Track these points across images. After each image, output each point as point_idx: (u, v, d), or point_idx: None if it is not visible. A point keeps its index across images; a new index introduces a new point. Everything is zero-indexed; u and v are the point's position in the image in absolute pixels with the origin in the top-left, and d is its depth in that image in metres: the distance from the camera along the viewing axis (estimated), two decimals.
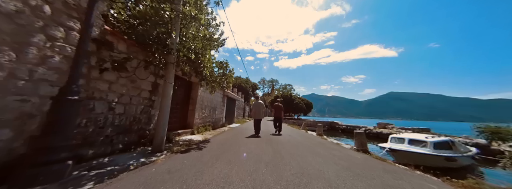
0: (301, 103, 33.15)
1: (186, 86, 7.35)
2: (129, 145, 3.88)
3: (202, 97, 8.05)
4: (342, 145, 6.03)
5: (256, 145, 4.96)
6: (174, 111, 6.53)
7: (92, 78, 3.06)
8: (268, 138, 6.60)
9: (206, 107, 8.59)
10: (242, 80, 33.83)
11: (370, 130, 17.83)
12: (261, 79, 68.26)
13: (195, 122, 7.41)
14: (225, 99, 11.87)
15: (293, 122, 24.13)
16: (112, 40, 3.34)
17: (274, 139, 6.38)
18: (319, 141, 6.70)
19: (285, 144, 5.35)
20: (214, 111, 9.89)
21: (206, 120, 8.69)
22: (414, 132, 14.50)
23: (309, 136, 8.39)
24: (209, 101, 9.10)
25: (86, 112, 2.98)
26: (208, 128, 8.58)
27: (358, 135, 5.12)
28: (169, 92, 4.15)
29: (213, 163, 3.06)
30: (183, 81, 6.82)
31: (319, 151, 4.48)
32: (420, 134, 8.10)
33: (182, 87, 7.03)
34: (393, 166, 3.60)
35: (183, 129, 6.66)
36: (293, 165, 3.11)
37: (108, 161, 3.06)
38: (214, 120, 9.92)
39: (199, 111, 7.75)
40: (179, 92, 6.89)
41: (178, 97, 6.81)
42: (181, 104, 6.99)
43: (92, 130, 3.06)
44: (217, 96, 10.36)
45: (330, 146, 5.45)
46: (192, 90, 7.58)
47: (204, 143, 5.04)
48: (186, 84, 7.28)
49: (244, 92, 29.11)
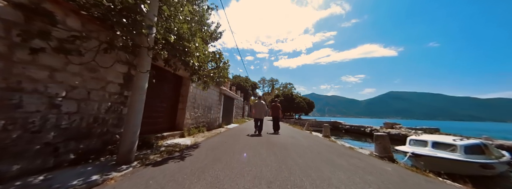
0: (303, 102, 32.17)
1: (175, 82, 6.42)
2: (88, 154, 2.94)
3: (194, 94, 7.12)
4: (357, 149, 5.10)
5: (255, 152, 4.02)
6: (160, 110, 5.61)
7: (17, 61, 2.12)
8: (269, 141, 5.67)
9: (199, 106, 7.65)
10: (241, 79, 32.89)
11: (376, 130, 16.87)
12: (261, 78, 67.34)
13: (186, 123, 6.48)
14: (222, 97, 10.93)
15: (294, 122, 23.18)
16: (53, 10, 2.39)
17: (277, 143, 5.45)
18: (328, 144, 5.77)
19: (291, 150, 4.42)
20: (209, 110, 8.95)
21: (199, 120, 7.75)
22: (425, 132, 13.56)
23: (315, 138, 7.46)
24: (203, 99, 8.16)
25: (7, 109, 2.05)
26: (201, 129, 7.65)
27: (380, 139, 4.18)
28: (142, 84, 3.22)
29: (192, 184, 2.12)
30: (169, 74, 5.88)
31: (335, 160, 3.55)
32: (445, 136, 7.16)
33: (170, 82, 6.09)
34: (446, 185, 2.67)
35: (171, 131, 5.72)
36: (307, 186, 2.17)
37: (41, 180, 2.13)
38: (209, 120, 8.99)
39: (190, 111, 6.81)
40: (167, 88, 5.97)
41: (165, 94, 5.88)
42: (168, 102, 6.05)
43: (17, 135, 2.13)
44: (213, 94, 9.43)
45: (345, 152, 4.51)
46: (182, 87, 6.64)
47: (191, 149, 4.10)
48: (174, 79, 6.35)
49: (244, 91, 28.17)
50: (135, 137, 3.08)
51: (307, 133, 9.44)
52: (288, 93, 34.82)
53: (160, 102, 5.56)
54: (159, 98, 5.53)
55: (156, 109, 5.38)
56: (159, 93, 5.52)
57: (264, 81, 69.11)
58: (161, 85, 5.65)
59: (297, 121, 25.64)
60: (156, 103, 5.35)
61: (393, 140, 15.08)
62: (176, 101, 6.44)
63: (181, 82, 6.66)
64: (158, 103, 5.43)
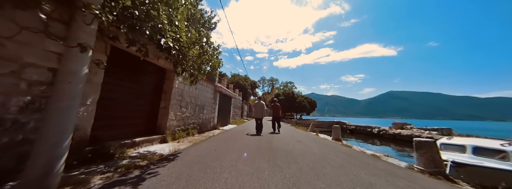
0: (304, 101, 30.95)
1: (157, 75, 5.27)
2: None
3: (181, 91, 5.96)
4: (386, 159, 3.94)
5: (253, 166, 2.87)
6: (135, 110, 4.46)
7: None
8: (272, 147, 4.51)
9: (188, 105, 6.50)
10: (240, 78, 31.72)
11: (385, 131, 15.72)
12: (261, 78, 66.25)
13: (170, 125, 5.32)
14: (217, 95, 9.78)
15: (296, 122, 22.01)
16: None
17: (281, 150, 4.29)
18: (345, 151, 4.62)
19: (301, 162, 3.27)
20: (201, 110, 7.80)
21: (189, 121, 6.60)
22: (441, 133, 12.41)
23: (326, 142, 6.30)
24: (194, 97, 7.01)
25: None
26: (191, 132, 6.50)
27: (426, 147, 3.03)
28: (74, 67, 2.06)
29: None
30: (149, 66, 4.74)
31: (373, 183, 2.39)
32: (484, 140, 6.01)
33: (149, 75, 4.95)
34: None
35: (149, 135, 4.57)
36: None
37: None
38: (201, 121, 7.83)
39: (175, 110, 5.66)
40: (145, 82, 4.83)
41: (143, 90, 4.73)
42: (147, 100, 4.90)
43: None
44: (206, 92, 8.28)
45: (377, 165, 3.35)
46: (165, 81, 5.48)
47: (163, 163, 2.95)
48: (156, 71, 5.20)
49: (243, 90, 27.03)
50: (59, 151, 1.92)
51: (314, 136, 8.29)
52: (289, 92, 33.60)
53: (134, 99, 4.41)
54: (133, 94, 4.38)
55: (128, 108, 4.22)
56: (133, 88, 4.37)
57: (264, 81, 68.12)
58: (136, 78, 4.51)
59: (299, 121, 24.47)
60: (128, 100, 4.20)
61: (403, 142, 13.92)
62: (157, 98, 5.29)
63: (164, 76, 5.50)
64: (131, 101, 4.28)
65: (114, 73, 3.76)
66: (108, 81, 3.53)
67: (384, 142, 15.03)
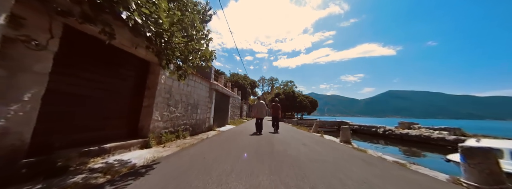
0: (305, 101, 30.15)
1: (139, 69, 4.52)
2: None
3: (168, 87, 5.21)
4: (418, 170, 3.19)
5: (250, 186, 2.12)
6: (109, 109, 3.71)
7: None
8: (274, 151, 3.77)
9: (178, 104, 5.75)
10: (239, 77, 30.94)
11: (391, 131, 14.98)
12: (261, 77, 65.56)
13: (154, 127, 4.57)
14: (213, 94, 9.03)
15: (297, 122, 21.26)
16: None
17: (285, 155, 3.55)
18: (360, 157, 3.87)
19: (311, 175, 2.53)
20: (195, 109, 7.05)
21: (179, 122, 5.84)
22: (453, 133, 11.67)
23: (334, 145, 5.56)
24: (185, 94, 6.26)
25: None
26: (182, 134, 5.75)
27: (480, 156, 2.27)
28: None
29: None
30: (130, 58, 3.98)
31: None
32: None
33: (129, 68, 4.20)
34: None
35: (126, 140, 3.82)
36: None
37: None
38: (195, 122, 7.08)
39: (162, 109, 4.91)
40: (123, 77, 4.09)
41: (120, 85, 3.99)
42: (126, 97, 4.16)
43: None
44: (200, 89, 7.53)
45: (410, 179, 2.60)
46: (149, 76, 4.73)
47: (127, 180, 2.19)
48: (138, 64, 4.46)
49: (242, 90, 26.27)
50: None
51: (319, 137, 7.54)
52: (289, 91, 32.80)
53: (107, 97, 3.66)
54: (106, 90, 3.63)
55: (98, 106, 3.47)
56: (106, 83, 3.63)
57: (264, 80, 67.50)
58: (111, 70, 3.77)
59: (300, 121, 23.72)
60: (99, 97, 3.45)
61: (411, 143, 13.18)
62: (139, 96, 4.53)
63: (147, 70, 4.75)
64: (102, 98, 3.52)
65: (75, 63, 3.00)
66: (63, 71, 2.78)
67: (390, 142, 14.31)
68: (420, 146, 11.92)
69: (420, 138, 12.48)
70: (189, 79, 6.46)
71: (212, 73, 8.91)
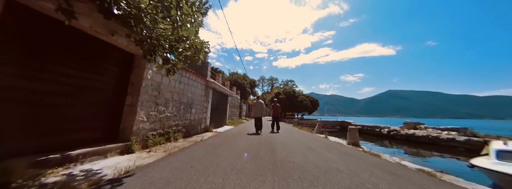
0: (306, 100, 29.51)
1: (122, 63, 3.93)
2: None
3: (157, 84, 4.63)
4: (451, 181, 2.61)
5: None
6: (81, 108, 3.14)
7: None
8: (275, 158, 3.20)
9: (168, 102, 5.16)
10: (239, 76, 30.35)
11: (396, 132, 14.40)
12: (260, 77, 65.08)
13: (138, 128, 3.99)
14: (210, 92, 8.44)
15: (298, 122, 20.68)
16: None
17: (290, 167, 2.98)
18: (383, 166, 3.29)
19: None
20: (188, 109, 6.46)
21: (169, 123, 5.25)
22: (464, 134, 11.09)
23: (343, 148, 4.98)
24: (178, 93, 5.68)
25: None
26: (173, 137, 5.18)
27: None
28: None
29: None
30: (113, 51, 3.40)
31: None
32: None
33: (111, 62, 3.62)
34: None
35: (102, 145, 3.23)
36: None
37: None
38: (189, 122, 6.49)
39: (149, 108, 4.32)
40: (103, 71, 3.52)
41: (95, 80, 3.42)
42: (103, 94, 3.58)
43: None
44: (194, 87, 6.94)
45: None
46: (133, 70, 4.14)
47: None
48: (121, 58, 3.88)
49: (241, 89, 25.69)
50: None
51: (323, 139, 6.96)
52: (289, 90, 32.17)
53: (80, 93, 3.08)
54: (79, 87, 3.05)
55: (67, 105, 2.89)
56: (78, 77, 3.05)
57: (264, 80, 67.04)
58: (86, 63, 3.19)
59: (300, 121, 23.13)
60: (68, 93, 2.87)
61: (418, 144, 12.60)
62: (121, 93, 3.95)
63: (131, 63, 4.16)
64: (72, 95, 2.94)
65: (30, 51, 2.42)
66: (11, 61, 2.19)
67: (396, 143, 13.74)
68: (428, 147, 11.35)
69: (428, 139, 11.91)
70: (181, 75, 5.88)
71: (208, 70, 8.33)
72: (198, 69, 8.02)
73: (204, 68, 8.23)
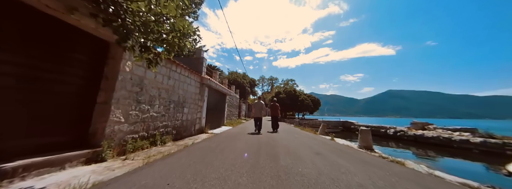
0: (307, 100, 28.79)
1: (90, 51, 3.25)
2: None
3: (139, 78, 3.94)
4: None
5: None
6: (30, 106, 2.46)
7: None
8: (278, 170, 2.53)
9: (155, 100, 4.48)
10: (238, 75, 29.66)
11: (403, 132, 13.72)
12: (260, 77, 64.57)
13: (113, 131, 3.31)
14: (206, 90, 7.76)
15: (299, 122, 19.98)
16: None
17: (299, 182, 2.29)
18: (415, 179, 2.61)
19: None
20: (180, 108, 5.78)
21: (156, 124, 4.57)
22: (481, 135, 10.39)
23: (356, 154, 4.30)
24: (167, 89, 5.00)
25: None
26: (160, 140, 4.50)
27: None
28: None
29: None
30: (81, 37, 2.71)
31: None
32: None
33: (79, 50, 2.93)
34: None
35: (60, 152, 2.55)
36: None
37: None
38: (180, 123, 5.81)
39: (127, 107, 3.64)
40: (61, 60, 2.85)
41: (58, 71, 2.74)
42: (68, 89, 2.90)
43: None
44: (187, 84, 6.26)
45: None
46: (107, 61, 3.46)
47: None
48: (92, 46, 3.20)
49: (241, 88, 25.02)
50: None
51: (331, 142, 6.29)
52: (290, 90, 31.45)
53: (37, 87, 2.40)
54: (32, 79, 2.38)
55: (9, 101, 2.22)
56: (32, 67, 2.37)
57: (264, 80, 66.57)
58: (42, 51, 2.51)
59: (301, 121, 22.43)
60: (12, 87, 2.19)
61: (428, 145, 11.89)
62: (94, 88, 3.26)
63: (105, 54, 3.47)
64: (20, 89, 2.26)
65: None
66: None
67: (402, 144, 13.07)
68: (439, 149, 10.66)
69: (439, 140, 11.21)
70: (171, 70, 5.20)
71: (203, 66, 7.64)
72: (193, 64, 7.35)
73: (199, 63, 7.55)
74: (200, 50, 7.75)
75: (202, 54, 7.73)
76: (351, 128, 19.89)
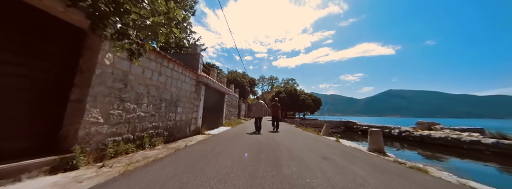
0: (308, 99, 28.29)
1: (63, 41, 2.78)
2: None
3: (123, 73, 3.47)
4: None
5: None
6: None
7: None
8: (281, 181, 2.06)
9: (142, 98, 4.01)
10: (238, 75, 29.18)
11: (408, 133, 13.23)
12: (260, 76, 64.22)
13: (87, 134, 2.84)
14: (202, 88, 7.29)
15: (300, 122, 19.51)
16: None
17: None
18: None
19: None
20: (173, 107, 5.31)
21: (144, 125, 4.10)
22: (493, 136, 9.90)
23: (368, 159, 3.83)
24: (157, 86, 4.53)
25: None
26: (148, 143, 4.03)
27: None
28: None
29: None
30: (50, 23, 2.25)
31: None
32: None
33: (40, 37, 2.46)
34: None
35: (19, 159, 2.09)
36: None
37: None
38: (173, 124, 5.34)
39: (107, 106, 3.17)
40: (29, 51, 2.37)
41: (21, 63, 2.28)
42: (35, 85, 2.44)
43: None
44: (181, 81, 5.79)
45: None
46: (83, 51, 2.98)
47: None
48: (62, 34, 2.73)
49: (240, 88, 24.55)
50: None
51: (337, 144, 5.82)
52: (291, 89, 30.93)
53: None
54: None
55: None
56: None
57: (264, 80, 66.30)
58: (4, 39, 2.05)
59: (302, 121, 21.95)
60: None
61: (435, 146, 11.39)
62: (67, 84, 2.79)
63: (81, 44, 3.00)
64: None
65: None
66: None
67: (407, 145, 12.60)
68: (447, 150, 10.18)
69: (447, 141, 10.72)
70: (162, 65, 4.73)
71: (199, 62, 7.17)
72: (188, 61, 6.88)
73: (195, 60, 7.07)
74: (196, 46, 7.27)
75: (198, 49, 7.26)
76: (354, 128, 19.39)
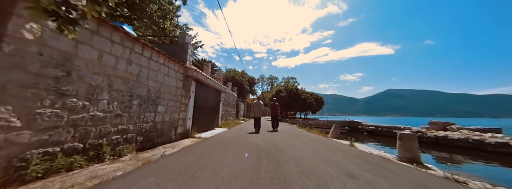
0: (310, 98, 27.15)
1: None
2: None
3: (66, 55, 2.42)
4: None
5: None
6: None
7: None
8: None
9: (100, 93, 2.96)
10: (236, 73, 28.09)
11: (421, 134, 12.19)
12: (260, 76, 63.31)
13: None
14: (192, 84, 6.23)
15: (302, 123, 18.43)
16: None
17: None
18: None
19: None
20: (151, 105, 4.26)
21: (101, 130, 3.04)
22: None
23: (418, 178, 2.79)
24: (126, 79, 3.49)
25: None
26: (108, 152, 2.99)
27: None
28: None
29: None
30: None
31: None
32: None
33: None
34: None
35: None
36: None
37: None
38: (152, 126, 4.29)
39: (31, 102, 2.12)
40: None
41: None
42: None
43: None
44: (163, 74, 4.75)
45: None
46: None
47: None
48: None
49: (239, 87, 23.49)
50: None
51: (352, 149, 4.77)
52: (292, 87, 29.80)
53: None
54: None
55: None
56: None
57: (263, 79, 65.45)
58: None
59: (305, 121, 20.86)
60: None
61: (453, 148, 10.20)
62: None
63: None
64: None
65: None
66: None
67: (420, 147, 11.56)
68: (467, 153, 9.16)
69: (467, 143, 9.69)
70: (133, 51, 3.67)
71: (188, 54, 6.12)
72: (175, 52, 5.84)
73: (183, 50, 6.03)
74: (184, 34, 6.22)
75: (187, 39, 6.21)
76: (359, 128, 18.33)
